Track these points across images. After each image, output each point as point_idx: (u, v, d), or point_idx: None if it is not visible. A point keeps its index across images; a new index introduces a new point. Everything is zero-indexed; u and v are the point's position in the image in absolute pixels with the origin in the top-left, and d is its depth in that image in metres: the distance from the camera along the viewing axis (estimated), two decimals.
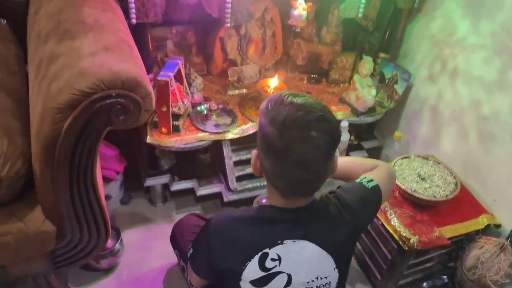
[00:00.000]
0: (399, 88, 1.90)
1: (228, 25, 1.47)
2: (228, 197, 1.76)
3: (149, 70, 1.57)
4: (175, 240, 1.45)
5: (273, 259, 1.00)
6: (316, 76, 2.09)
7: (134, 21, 1.39)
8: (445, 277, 1.60)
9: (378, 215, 1.49)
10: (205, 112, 1.75)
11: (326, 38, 2.06)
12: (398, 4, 1.75)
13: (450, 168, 1.61)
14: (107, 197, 1.78)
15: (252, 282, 1.01)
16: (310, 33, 2.06)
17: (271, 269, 1.00)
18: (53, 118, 0.99)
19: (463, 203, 1.56)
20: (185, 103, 1.67)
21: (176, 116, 1.62)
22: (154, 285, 1.59)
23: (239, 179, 1.75)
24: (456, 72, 1.67)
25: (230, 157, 1.73)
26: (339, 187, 1.13)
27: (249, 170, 1.74)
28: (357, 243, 1.69)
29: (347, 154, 1.98)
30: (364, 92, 1.85)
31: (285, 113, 0.91)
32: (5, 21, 1.54)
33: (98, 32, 1.14)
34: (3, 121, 1.12)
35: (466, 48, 1.62)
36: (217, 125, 1.71)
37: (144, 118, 1.09)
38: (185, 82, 1.70)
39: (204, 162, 1.83)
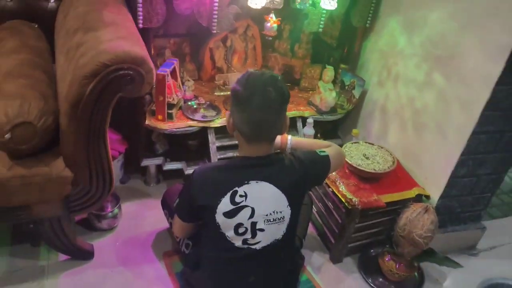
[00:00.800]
0: (356, 93, 2.29)
1: (214, 31, 1.87)
2: None
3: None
4: (165, 202, 1.80)
5: (241, 196, 1.33)
6: (290, 84, 2.49)
7: (141, 25, 1.78)
8: (388, 246, 1.93)
9: (330, 185, 1.85)
10: (194, 106, 2.13)
11: (298, 53, 2.48)
12: (353, 23, 2.17)
13: (390, 151, 1.98)
14: None
15: (224, 214, 1.33)
16: (285, 49, 2.48)
17: (239, 203, 1.33)
18: (80, 84, 1.36)
19: (400, 179, 1.93)
20: (178, 95, 2.05)
21: (170, 106, 2.00)
22: (146, 243, 1.91)
23: None
24: (398, 77, 2.07)
25: (213, 142, 2.09)
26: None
27: (229, 154, 2.10)
28: (317, 217, 2.04)
29: None
30: (326, 94, 2.24)
31: (249, 75, 1.31)
32: (36, 25, 1.94)
33: (114, 27, 1.54)
34: (41, 89, 1.49)
35: (404, 57, 2.03)
36: (204, 116, 2.08)
37: (145, 89, 1.47)
38: (179, 79, 2.09)
39: (192, 147, 2.19)
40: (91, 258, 1.81)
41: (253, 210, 1.34)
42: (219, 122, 2.08)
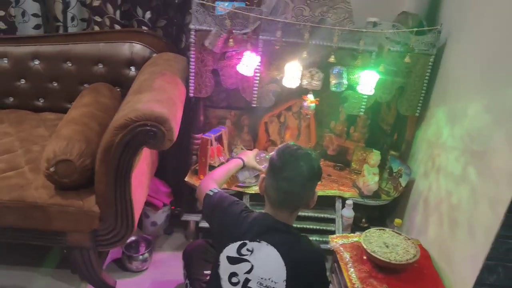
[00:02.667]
0: (403, 181, 2.23)
1: (254, 105, 2.06)
2: None
3: (197, 131, 2.19)
4: (185, 258, 1.91)
5: (247, 249, 1.42)
6: (341, 165, 2.52)
7: (191, 94, 2.06)
8: None
9: (342, 266, 1.80)
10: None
11: (353, 136, 2.52)
12: (401, 112, 2.18)
13: (416, 243, 1.86)
14: (153, 224, 2.35)
15: (227, 257, 1.43)
16: (340, 130, 2.54)
17: (243, 255, 1.41)
18: (112, 133, 1.63)
19: (425, 276, 1.78)
20: (221, 159, 2.24)
21: (212, 168, 2.19)
22: None
23: None
24: (440, 169, 1.98)
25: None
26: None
27: None
28: None
29: (352, 232, 2.29)
30: (369, 178, 2.22)
31: (286, 147, 1.48)
32: (119, 88, 2.35)
33: (157, 92, 1.82)
34: (88, 135, 1.79)
35: (446, 149, 1.95)
36: (243, 182, 2.22)
37: (168, 145, 1.69)
38: (225, 145, 2.28)
39: None
40: None
41: (252, 267, 1.41)
42: (255, 189, 2.19)
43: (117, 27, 2.35)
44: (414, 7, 2.26)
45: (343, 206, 2.25)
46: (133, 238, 2.19)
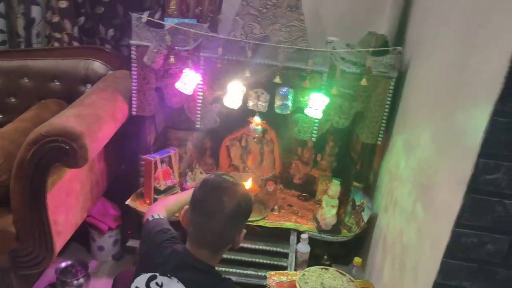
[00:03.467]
0: (365, 216, 2.02)
1: (198, 126, 1.93)
2: None
3: (144, 151, 2.08)
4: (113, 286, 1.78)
5: (157, 284, 1.27)
6: (307, 195, 2.33)
7: (134, 112, 1.96)
8: None
9: None
10: None
11: (321, 164, 2.34)
12: (361, 140, 1.99)
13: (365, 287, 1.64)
14: (100, 248, 2.23)
15: None
16: (308, 158, 2.37)
17: None
18: (24, 148, 1.55)
19: None
20: (167, 183, 2.11)
21: (158, 191, 2.06)
22: None
23: None
24: (396, 203, 1.78)
25: None
26: None
27: None
28: None
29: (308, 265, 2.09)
30: (326, 211, 2.03)
31: (211, 178, 1.34)
32: None
33: (83, 107, 1.73)
34: (12, 151, 1.71)
35: (402, 181, 1.74)
36: None
37: (82, 163, 1.58)
38: (175, 168, 2.16)
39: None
40: None
41: None
42: None
43: (76, 44, 2.30)
44: (385, 28, 2.11)
45: (298, 241, 2.05)
46: (69, 262, 2.07)
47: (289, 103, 1.82)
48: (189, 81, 1.80)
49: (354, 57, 1.83)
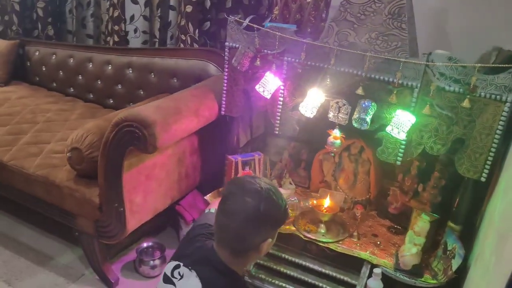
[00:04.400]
0: (455, 264, 1.68)
1: (276, 132, 1.88)
2: None
3: (230, 151, 2.12)
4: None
5: (179, 274, 1.29)
6: (399, 228, 2.06)
7: (223, 112, 2.02)
8: None
9: None
10: None
11: (422, 196, 2.04)
12: (459, 172, 1.67)
13: None
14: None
15: (164, 274, 1.32)
16: (409, 187, 2.09)
17: (173, 277, 1.29)
18: (109, 130, 1.74)
19: None
20: None
21: None
22: None
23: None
24: (480, 254, 1.44)
25: None
26: None
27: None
28: None
29: None
30: (406, 248, 1.76)
31: (241, 178, 1.34)
32: None
33: (169, 100, 1.86)
34: (102, 125, 1.92)
35: (492, 228, 1.41)
36: None
37: (151, 150, 1.70)
38: (258, 173, 2.14)
39: None
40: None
41: None
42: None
43: (196, 46, 2.49)
44: None
45: (369, 275, 1.82)
46: (150, 243, 2.23)
47: (368, 118, 1.63)
48: (268, 84, 1.77)
49: (458, 73, 1.55)
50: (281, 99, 1.84)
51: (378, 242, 1.95)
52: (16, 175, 2.02)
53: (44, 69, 2.96)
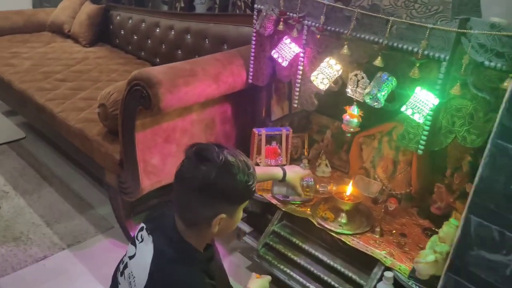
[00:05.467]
0: None
1: (295, 105, 1.71)
2: None
3: (258, 124, 2.00)
4: None
5: (141, 236, 1.23)
6: (437, 231, 1.75)
7: (250, 80, 1.90)
8: None
9: None
10: None
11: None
12: None
13: None
14: None
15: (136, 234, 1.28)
16: (458, 185, 1.76)
17: (136, 239, 1.24)
18: (124, 88, 1.75)
19: None
20: (270, 162, 1.97)
21: (256, 165, 1.96)
22: None
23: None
24: None
25: (273, 224, 1.86)
26: None
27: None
28: None
29: None
30: (423, 253, 1.48)
31: (205, 144, 1.16)
32: None
33: (186, 63, 1.81)
34: None
35: None
36: (285, 196, 1.88)
37: (156, 111, 1.68)
38: (283, 149, 1.98)
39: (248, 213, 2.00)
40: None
41: (134, 255, 1.23)
42: (292, 209, 1.83)
43: (248, 11, 2.39)
44: None
45: (380, 278, 1.59)
46: None
47: (381, 95, 1.37)
48: (284, 50, 1.61)
49: (501, 45, 1.22)
50: (301, 68, 1.66)
51: (403, 243, 1.69)
52: (62, 125, 2.18)
53: (122, 32, 3.13)
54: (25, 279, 1.86)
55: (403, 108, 1.34)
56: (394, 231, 1.76)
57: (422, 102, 1.29)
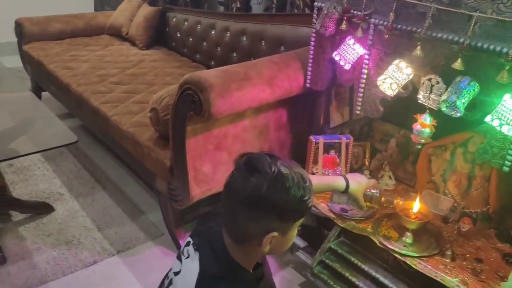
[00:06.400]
0: None
1: (358, 112, 1.55)
2: None
3: (316, 131, 1.86)
4: None
5: (187, 252, 1.14)
6: None
7: (308, 85, 1.77)
8: None
9: None
10: None
11: None
12: None
13: None
14: None
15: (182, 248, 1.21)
16: None
17: (182, 254, 1.16)
18: (176, 93, 1.68)
19: None
20: (328, 172, 1.82)
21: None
22: None
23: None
24: None
25: (329, 241, 1.72)
26: None
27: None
28: None
29: None
30: (503, 286, 1.28)
31: (257, 154, 1.03)
32: None
33: (240, 66, 1.72)
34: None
35: None
36: (343, 210, 1.73)
37: (207, 116, 1.59)
38: (342, 158, 1.83)
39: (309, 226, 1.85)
40: None
41: (179, 272, 1.15)
42: (351, 225, 1.68)
43: (308, 11, 2.26)
44: None
45: None
46: None
47: (461, 102, 1.19)
48: (347, 52, 1.46)
49: None
50: (365, 71, 1.50)
51: (479, 270, 1.48)
52: (115, 129, 2.15)
53: (178, 35, 3.10)
54: (74, 284, 1.83)
55: (487, 118, 1.15)
56: (468, 255, 1.55)
57: (511, 112, 1.10)
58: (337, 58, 1.50)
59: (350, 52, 1.47)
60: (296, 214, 1.06)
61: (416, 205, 1.60)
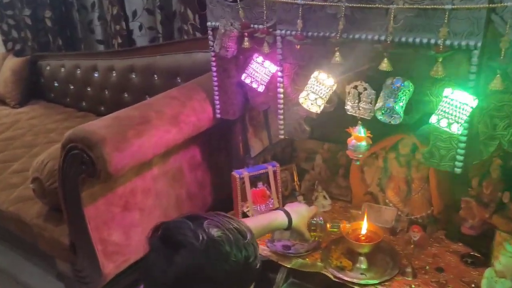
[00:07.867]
0: None
1: (281, 137, 1.36)
2: None
3: (236, 164, 1.64)
4: None
5: None
6: (478, 256, 1.43)
7: (218, 115, 1.54)
8: None
9: None
10: None
11: (510, 209, 1.40)
12: None
13: None
14: None
15: None
16: (489, 196, 1.46)
17: None
18: (59, 154, 1.35)
19: None
20: (261, 208, 1.60)
21: (245, 216, 1.59)
22: None
23: None
24: None
25: (278, 285, 1.49)
26: None
27: None
28: None
29: None
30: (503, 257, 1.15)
31: (174, 222, 0.82)
32: None
33: (133, 108, 1.44)
34: None
35: None
36: (286, 247, 1.52)
37: (103, 177, 1.28)
38: (273, 190, 1.63)
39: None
40: None
41: None
42: (299, 264, 1.46)
43: (199, 35, 2.04)
44: None
45: None
46: None
47: (398, 106, 1.05)
48: (257, 72, 1.26)
49: None
50: (281, 90, 1.31)
51: (444, 281, 1.35)
52: None
53: (56, 84, 2.72)
54: None
55: (432, 119, 1.01)
56: (427, 267, 1.42)
57: (457, 107, 0.97)
58: (247, 80, 1.29)
59: (261, 71, 1.27)
60: (245, 283, 0.82)
61: (364, 225, 1.43)
